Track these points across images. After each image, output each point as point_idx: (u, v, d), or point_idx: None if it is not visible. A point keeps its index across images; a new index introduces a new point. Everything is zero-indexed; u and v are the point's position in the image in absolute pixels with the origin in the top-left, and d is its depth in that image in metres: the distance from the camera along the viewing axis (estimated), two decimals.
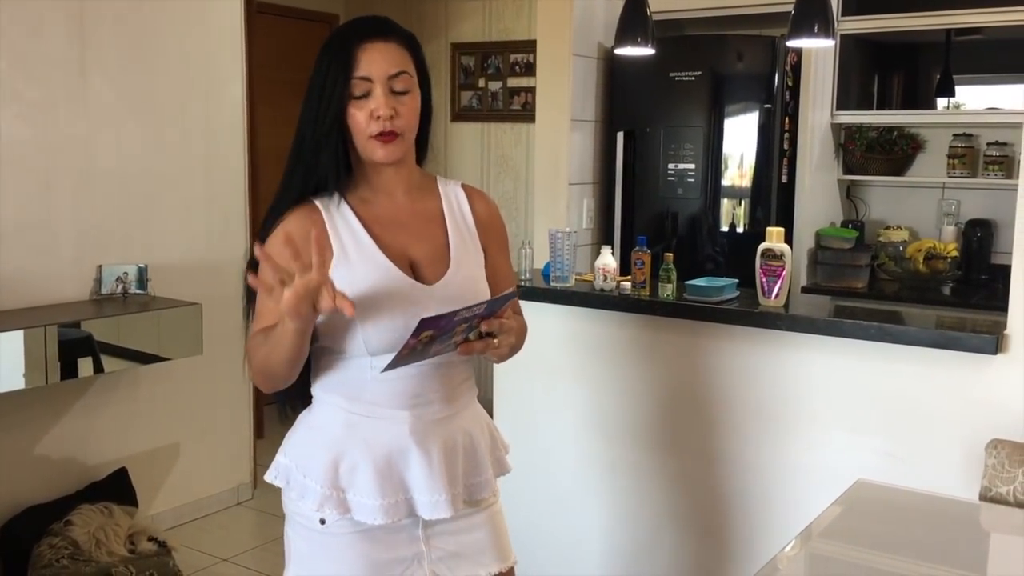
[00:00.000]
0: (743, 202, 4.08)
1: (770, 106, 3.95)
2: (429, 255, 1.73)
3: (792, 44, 3.24)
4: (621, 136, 4.15)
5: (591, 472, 2.97)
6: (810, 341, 2.56)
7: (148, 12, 3.74)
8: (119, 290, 3.60)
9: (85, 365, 3.32)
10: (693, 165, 4.06)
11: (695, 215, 4.11)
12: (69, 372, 3.27)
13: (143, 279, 3.65)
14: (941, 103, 4.20)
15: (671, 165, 4.11)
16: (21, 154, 3.36)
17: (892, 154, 4.20)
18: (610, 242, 4.03)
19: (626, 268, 3.01)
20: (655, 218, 4.16)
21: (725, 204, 4.09)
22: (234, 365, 3.86)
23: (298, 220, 1.68)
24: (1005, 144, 3.96)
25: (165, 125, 3.84)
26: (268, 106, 4.79)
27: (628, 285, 2.85)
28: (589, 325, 2.93)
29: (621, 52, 3.65)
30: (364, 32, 1.69)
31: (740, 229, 4.08)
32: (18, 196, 3.36)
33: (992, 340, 2.30)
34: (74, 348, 3.24)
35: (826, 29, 3.06)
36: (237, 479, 4.28)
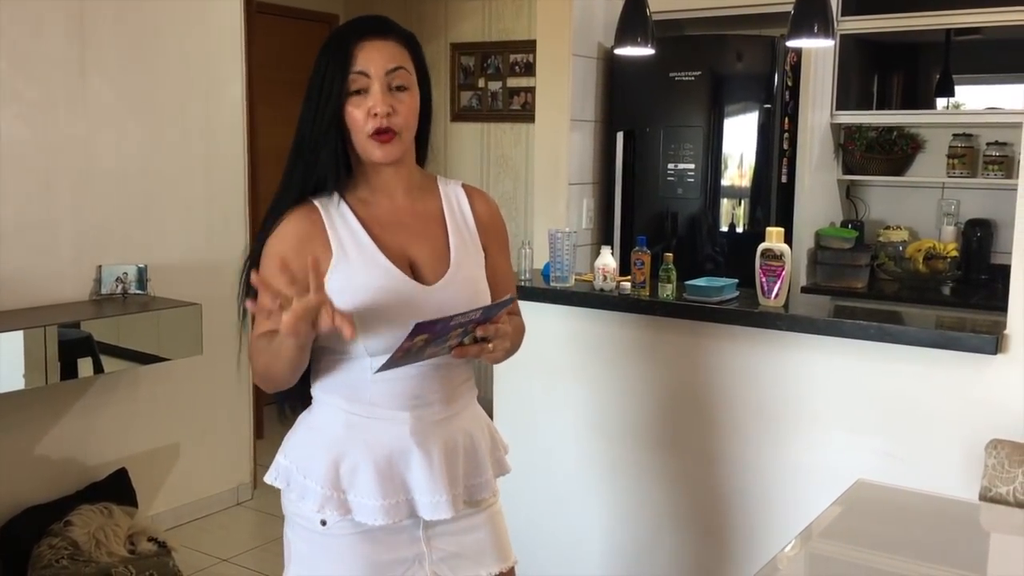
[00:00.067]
0: (743, 202, 4.08)
1: (770, 106, 3.95)
2: (429, 255, 1.73)
3: (792, 44, 3.23)
4: (621, 136, 4.15)
5: (591, 472, 2.97)
6: (810, 341, 2.56)
7: (148, 12, 3.74)
8: (119, 290, 3.60)
9: (85, 365, 3.31)
10: (693, 165, 4.06)
11: (695, 215, 4.11)
12: (69, 372, 3.26)
13: (143, 279, 3.65)
14: (941, 103, 4.20)
15: (671, 165, 4.10)
16: (21, 154, 3.36)
17: (892, 154, 4.20)
18: (610, 242, 4.03)
19: (626, 268, 3.01)
20: (655, 218, 4.16)
21: (725, 204, 4.09)
22: (234, 365, 3.88)
23: (297, 220, 1.68)
24: (1005, 144, 3.96)
25: (165, 125, 3.84)
26: (268, 106, 4.79)
27: (628, 285, 2.85)
28: (589, 325, 2.93)
29: (621, 52, 3.65)
30: (363, 30, 1.69)
31: (740, 229, 4.08)
32: (18, 196, 3.36)
33: (992, 340, 2.30)
34: (74, 348, 3.24)
35: (826, 29, 3.06)
36: (237, 479, 4.28)
